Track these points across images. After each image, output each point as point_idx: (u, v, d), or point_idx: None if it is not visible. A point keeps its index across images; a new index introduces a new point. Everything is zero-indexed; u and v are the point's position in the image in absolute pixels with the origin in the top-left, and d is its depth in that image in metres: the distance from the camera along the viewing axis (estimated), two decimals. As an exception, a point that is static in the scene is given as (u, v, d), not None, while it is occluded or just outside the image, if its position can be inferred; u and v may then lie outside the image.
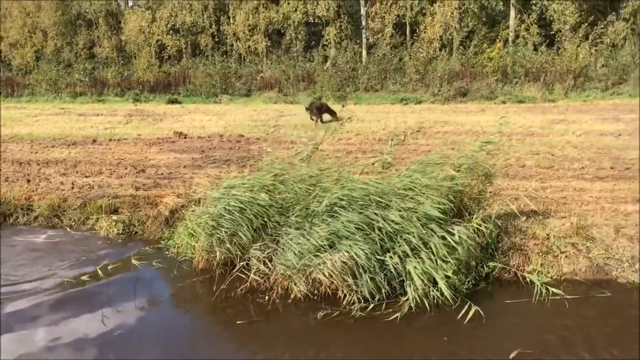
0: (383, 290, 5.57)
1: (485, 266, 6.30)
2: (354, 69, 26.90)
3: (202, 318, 5.65)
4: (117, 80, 32.53)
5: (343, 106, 7.64)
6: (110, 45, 42.18)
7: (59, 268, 6.74)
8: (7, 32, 46.72)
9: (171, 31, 39.95)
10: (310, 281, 5.76)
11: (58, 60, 41.45)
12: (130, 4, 45.81)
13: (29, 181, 10.33)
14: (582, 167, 10.03)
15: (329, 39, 33.43)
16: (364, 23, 32.52)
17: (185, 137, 14.95)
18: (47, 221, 8.66)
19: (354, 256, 5.62)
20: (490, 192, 7.66)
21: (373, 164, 7.22)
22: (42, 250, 7.51)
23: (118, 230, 8.10)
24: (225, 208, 6.38)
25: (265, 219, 6.30)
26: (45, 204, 8.85)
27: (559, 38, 25.16)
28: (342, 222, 5.87)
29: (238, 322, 5.30)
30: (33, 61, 44.67)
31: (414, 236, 5.74)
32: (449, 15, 27.94)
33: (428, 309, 5.43)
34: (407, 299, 5.51)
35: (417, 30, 29.82)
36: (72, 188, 9.73)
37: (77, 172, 11.02)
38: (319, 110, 15.89)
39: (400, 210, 5.99)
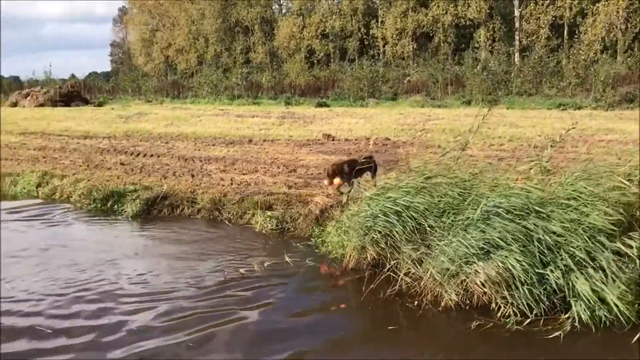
0: (541, 305, 5.24)
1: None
2: (506, 72, 25.79)
3: (353, 318, 5.71)
4: (270, 84, 34.22)
5: (489, 110, 7.36)
6: (264, 50, 44.51)
7: (221, 260, 7.21)
8: (174, 39, 51.34)
9: (320, 36, 41.19)
10: (462, 290, 5.59)
11: (217, 65, 44.50)
12: (284, 10, 47.93)
13: (193, 176, 11.21)
14: None
15: (480, 41, 32.40)
16: (517, 25, 31.13)
17: (333, 140, 15.33)
18: (209, 214, 9.31)
19: (510, 267, 5.37)
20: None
21: (530, 169, 6.85)
22: (204, 242, 8.09)
23: (272, 226, 8.46)
24: (381, 209, 6.43)
25: (420, 222, 6.24)
26: (208, 197, 9.51)
27: None
28: (498, 231, 5.63)
29: (389, 327, 5.28)
30: (196, 65, 48.60)
31: (579, 250, 5.34)
32: (614, 15, 25.71)
33: (593, 329, 5.01)
34: (569, 317, 5.13)
35: (577, 32, 27.85)
36: (231, 184, 10.38)
37: (235, 169, 11.74)
38: (352, 169, 8.68)
39: (562, 222, 5.62)
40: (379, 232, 6.39)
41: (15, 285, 6.44)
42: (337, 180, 8.53)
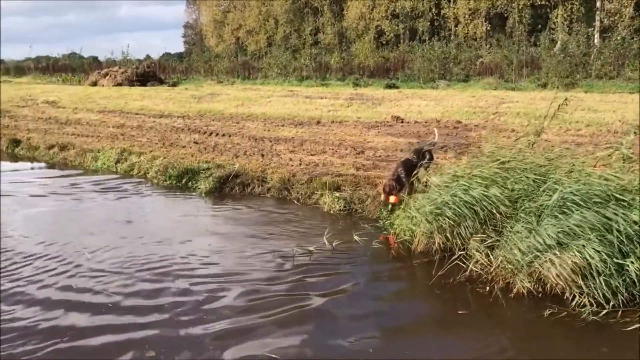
0: (619, 296, 5.06)
1: None
2: (585, 54, 24.58)
3: (422, 301, 5.70)
4: (339, 66, 34.13)
5: (566, 99, 7.07)
6: (333, 31, 44.35)
7: (291, 238, 7.36)
8: (245, 21, 52.05)
9: (390, 16, 40.57)
10: (534, 278, 5.47)
11: (287, 46, 44.69)
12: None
13: (262, 156, 11.43)
14: None
15: (557, 22, 31.03)
16: (598, 4, 29.55)
17: (402, 122, 15.17)
18: (278, 193, 9.51)
19: (587, 258, 5.19)
20: None
21: (609, 155, 6.57)
22: (274, 220, 8.28)
23: (340, 206, 8.54)
24: (450, 199, 6.35)
25: (493, 211, 6.13)
26: (277, 177, 9.71)
27: None
28: (575, 220, 5.44)
29: (460, 311, 5.25)
30: (265, 47, 49.16)
31: (662, 242, 5.11)
32: None
33: (675, 324, 4.81)
34: (649, 310, 4.94)
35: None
36: (300, 164, 10.52)
37: (304, 150, 11.87)
38: (412, 168, 7.89)
39: (644, 211, 5.38)
40: (448, 221, 6.33)
41: (95, 256, 6.79)
42: (392, 199, 7.57)
